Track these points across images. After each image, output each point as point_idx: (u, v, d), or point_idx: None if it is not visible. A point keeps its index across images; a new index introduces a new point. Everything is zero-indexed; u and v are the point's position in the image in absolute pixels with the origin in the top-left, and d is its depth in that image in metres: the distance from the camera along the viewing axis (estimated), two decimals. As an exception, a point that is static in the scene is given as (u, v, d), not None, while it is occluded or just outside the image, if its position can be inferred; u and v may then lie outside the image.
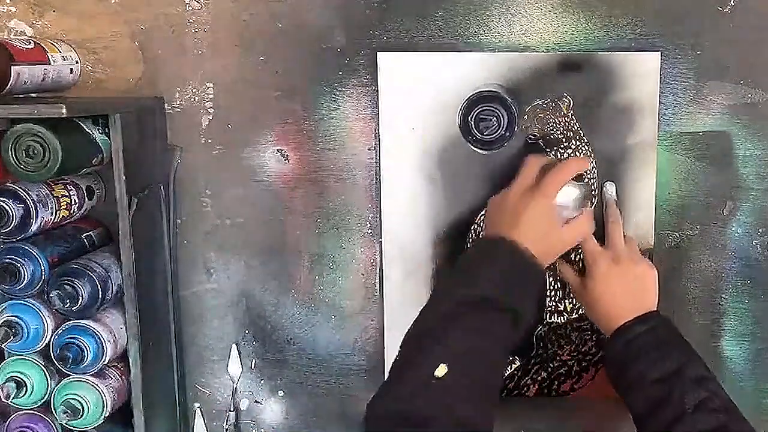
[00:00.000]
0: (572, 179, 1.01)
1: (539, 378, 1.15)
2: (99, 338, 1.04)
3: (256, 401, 1.21)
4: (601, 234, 1.09)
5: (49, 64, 1.05)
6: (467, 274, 0.96)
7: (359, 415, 1.19)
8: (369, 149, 1.14)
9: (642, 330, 1.00)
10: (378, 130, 1.12)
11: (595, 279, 1.05)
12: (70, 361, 1.02)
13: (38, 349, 1.05)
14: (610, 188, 1.11)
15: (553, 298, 1.14)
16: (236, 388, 1.20)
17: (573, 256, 1.12)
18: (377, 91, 1.11)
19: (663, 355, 0.98)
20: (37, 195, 1.01)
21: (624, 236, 1.08)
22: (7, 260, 1.01)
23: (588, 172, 1.10)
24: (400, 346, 0.92)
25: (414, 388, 0.86)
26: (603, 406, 1.15)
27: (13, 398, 1.03)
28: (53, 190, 1.04)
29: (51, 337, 1.04)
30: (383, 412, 0.86)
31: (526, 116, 1.10)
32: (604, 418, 1.09)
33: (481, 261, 0.97)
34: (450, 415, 0.84)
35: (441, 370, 0.86)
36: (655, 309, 1.04)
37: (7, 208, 0.99)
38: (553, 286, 1.14)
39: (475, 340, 0.90)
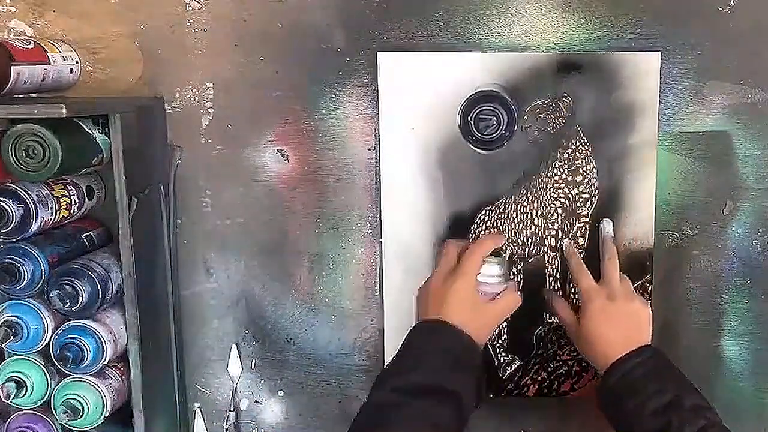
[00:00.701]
0: (491, 255, 1.03)
1: (539, 378, 1.15)
2: (99, 338, 1.04)
3: (256, 401, 1.21)
4: (596, 264, 1.09)
5: (49, 64, 1.05)
6: (406, 361, 0.98)
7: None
8: (369, 149, 1.14)
9: (636, 363, 1.00)
10: (378, 130, 1.12)
11: (590, 316, 1.05)
12: (70, 361, 1.02)
13: (38, 349, 1.04)
14: (606, 225, 1.11)
15: (553, 298, 1.14)
16: (236, 388, 1.20)
17: (570, 295, 1.12)
18: (377, 91, 1.11)
19: (660, 386, 0.98)
20: (37, 195, 1.01)
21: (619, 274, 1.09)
22: (7, 260, 1.01)
23: (587, 174, 1.10)
24: None
25: None
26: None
27: (13, 398, 1.03)
28: (53, 190, 1.04)
29: (51, 337, 1.04)
30: None
31: (526, 116, 1.10)
32: (604, 418, 1.09)
33: (419, 347, 0.98)
34: None
35: None
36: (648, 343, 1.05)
37: (7, 208, 0.99)
38: (553, 286, 1.14)
39: (419, 428, 0.91)
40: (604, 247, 1.10)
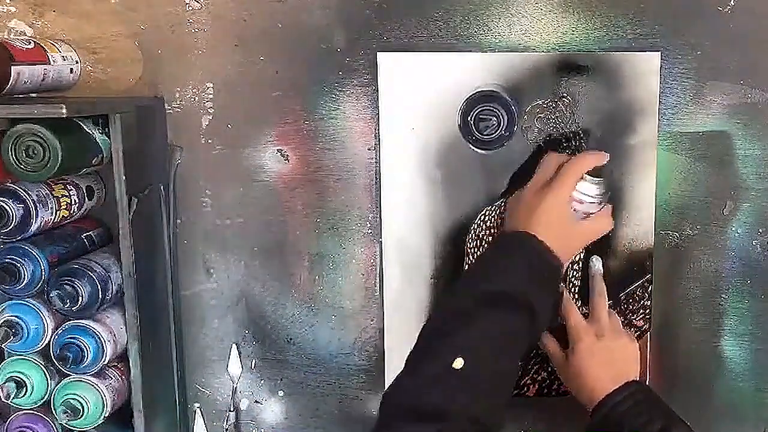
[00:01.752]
0: (590, 174, 1.00)
1: (539, 378, 1.15)
2: (99, 338, 1.04)
3: (256, 401, 1.21)
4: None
5: (49, 64, 1.05)
6: (487, 269, 0.97)
7: (359, 415, 1.19)
8: (369, 149, 1.14)
9: (623, 397, 1.01)
10: (378, 130, 1.12)
11: (578, 353, 1.05)
12: (70, 361, 1.02)
13: (38, 349, 1.04)
14: (596, 262, 1.12)
15: (553, 298, 1.14)
16: (236, 388, 1.20)
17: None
18: (377, 91, 1.11)
19: (648, 417, 0.99)
20: (37, 195, 1.01)
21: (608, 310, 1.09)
22: (7, 260, 1.01)
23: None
24: (418, 337, 0.93)
25: (429, 381, 0.86)
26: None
27: (13, 398, 1.03)
28: (53, 190, 1.04)
29: (51, 337, 1.04)
30: (397, 404, 0.86)
31: (526, 116, 1.10)
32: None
33: (501, 256, 0.97)
34: (464, 409, 0.85)
35: (457, 364, 0.86)
36: (635, 379, 1.05)
37: (7, 208, 0.99)
38: (553, 286, 1.14)
39: (493, 336, 0.90)
40: (593, 284, 1.11)
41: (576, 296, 1.12)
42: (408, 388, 0.87)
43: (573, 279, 1.13)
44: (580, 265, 1.12)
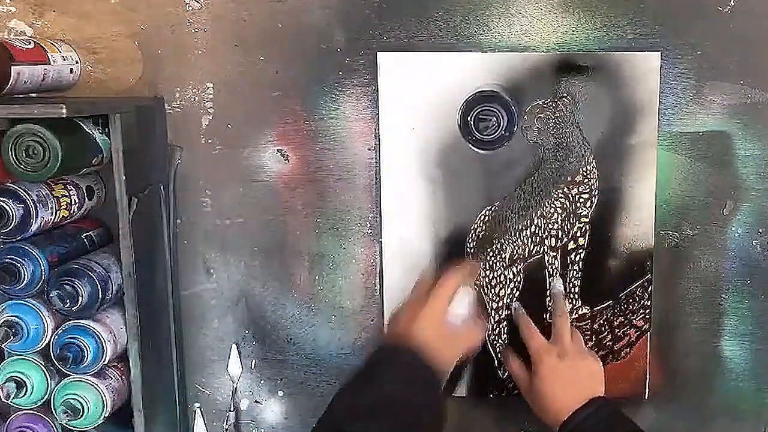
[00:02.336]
0: (464, 287, 1.04)
1: (539, 378, 1.15)
2: (99, 338, 1.04)
3: (256, 401, 1.21)
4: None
5: (49, 64, 1.05)
6: (368, 380, 0.98)
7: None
8: (369, 149, 1.14)
9: (587, 414, 1.01)
10: (378, 130, 1.12)
11: (542, 375, 1.05)
12: (70, 361, 1.02)
13: (38, 349, 1.04)
14: (557, 283, 1.12)
15: (553, 298, 1.14)
16: (236, 388, 1.20)
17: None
18: (377, 91, 1.11)
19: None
20: (37, 195, 1.01)
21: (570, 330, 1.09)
22: (7, 260, 1.01)
23: (587, 174, 1.10)
24: None
25: None
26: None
27: (13, 398, 1.03)
28: (53, 190, 1.04)
29: (51, 337, 1.04)
30: None
31: (526, 116, 1.10)
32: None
33: (383, 367, 0.98)
34: None
35: None
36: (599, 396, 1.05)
37: (7, 208, 0.99)
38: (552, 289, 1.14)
39: None
40: (554, 304, 1.12)
41: (576, 297, 1.12)
42: None
43: (573, 279, 1.13)
44: (580, 266, 1.12)
